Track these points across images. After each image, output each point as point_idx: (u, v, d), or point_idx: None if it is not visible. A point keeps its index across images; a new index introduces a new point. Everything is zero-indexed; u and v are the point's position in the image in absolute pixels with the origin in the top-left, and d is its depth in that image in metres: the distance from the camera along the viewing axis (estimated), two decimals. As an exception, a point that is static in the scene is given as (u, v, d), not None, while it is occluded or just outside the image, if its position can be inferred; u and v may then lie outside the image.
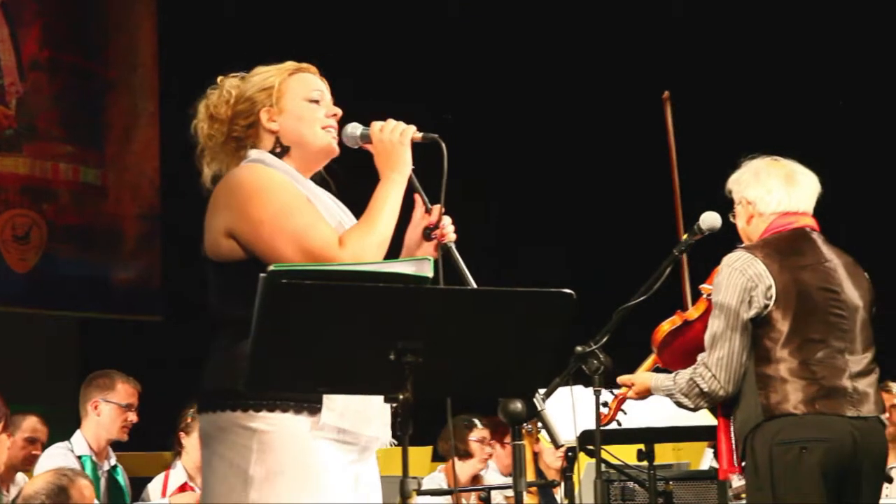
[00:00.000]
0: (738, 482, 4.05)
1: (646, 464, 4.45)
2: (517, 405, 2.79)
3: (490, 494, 5.76)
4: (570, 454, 4.42)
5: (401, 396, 2.48)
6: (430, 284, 2.56)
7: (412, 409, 2.49)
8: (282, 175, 2.94)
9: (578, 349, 3.98)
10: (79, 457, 5.52)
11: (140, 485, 5.85)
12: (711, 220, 4.08)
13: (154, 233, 8.98)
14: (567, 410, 4.01)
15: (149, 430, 5.92)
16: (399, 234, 3.02)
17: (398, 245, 3.05)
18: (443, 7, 9.08)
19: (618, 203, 8.76)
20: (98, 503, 5.23)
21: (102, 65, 8.93)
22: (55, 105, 8.58)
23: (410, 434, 2.51)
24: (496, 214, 8.99)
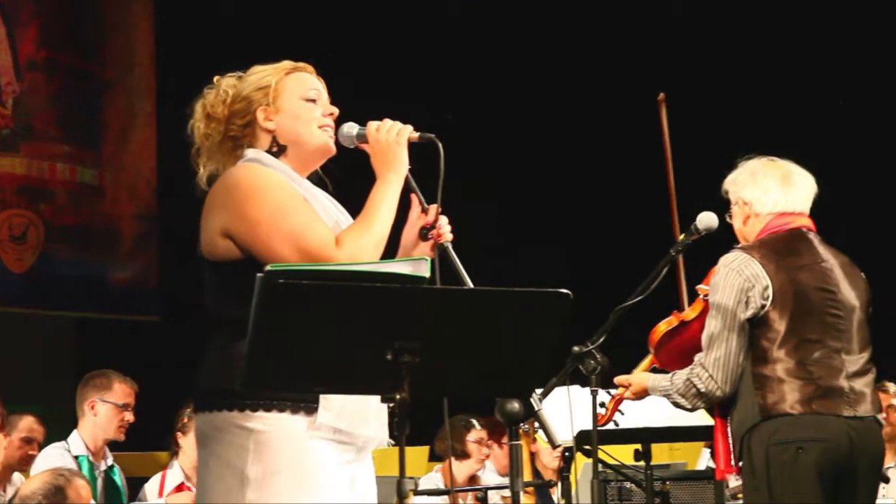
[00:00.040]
0: (735, 482, 4.05)
1: (643, 464, 4.45)
2: (514, 405, 2.79)
3: (487, 494, 5.76)
4: (567, 454, 4.43)
5: (398, 396, 2.47)
6: (427, 284, 2.56)
7: (409, 409, 2.49)
8: (278, 174, 2.94)
9: (575, 349, 3.98)
10: (75, 457, 5.52)
11: (137, 485, 5.84)
12: (708, 221, 4.09)
13: (151, 233, 8.97)
14: (564, 410, 4.01)
15: (146, 431, 5.91)
16: (395, 234, 3.02)
17: (395, 245, 3.05)
18: (443, 7, 9.08)
19: (615, 203, 8.76)
20: (95, 503, 5.22)
21: (99, 65, 8.92)
22: (52, 105, 8.57)
23: (407, 434, 2.51)
24: (494, 214, 8.98)
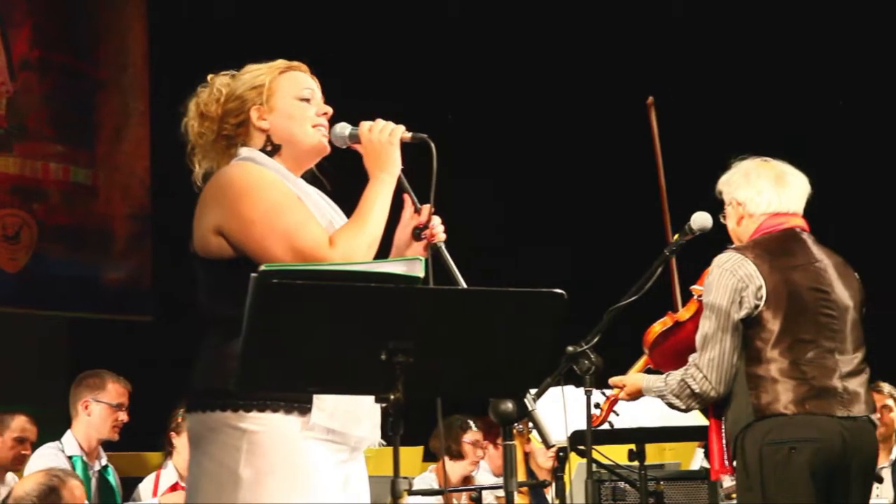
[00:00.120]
0: (730, 482, 4.05)
1: (637, 464, 4.45)
2: (508, 405, 2.78)
3: (481, 494, 5.75)
4: (561, 454, 4.42)
5: (392, 396, 2.47)
6: (421, 284, 2.56)
7: (403, 410, 2.48)
8: (272, 173, 2.93)
9: (569, 349, 3.98)
10: (69, 457, 5.51)
11: (131, 485, 5.84)
12: (702, 221, 4.09)
13: (144, 233, 8.95)
14: (558, 411, 4.02)
15: (140, 431, 5.91)
16: (388, 235, 3.01)
17: (388, 245, 3.04)
18: (443, 7, 9.07)
19: (608, 204, 8.76)
20: (89, 503, 5.21)
21: (93, 65, 8.89)
22: (45, 105, 8.55)
23: (401, 434, 2.51)
24: (490, 214, 8.98)
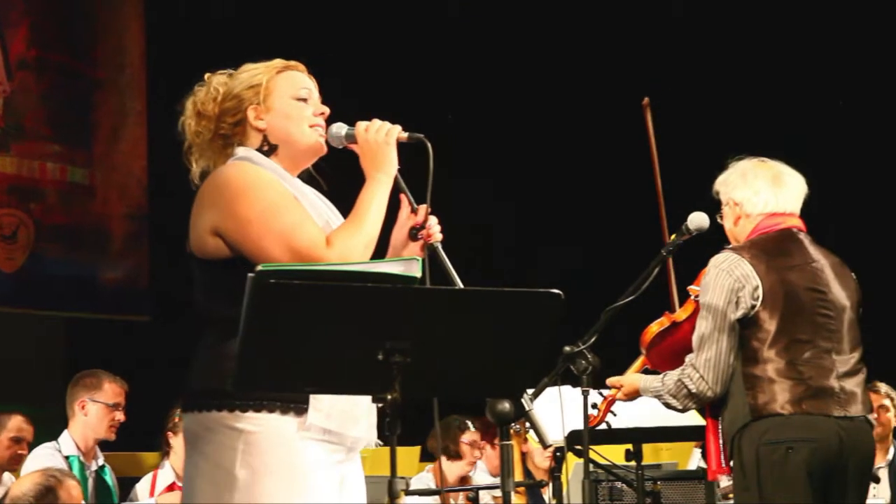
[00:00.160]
0: (727, 482, 4.05)
1: (634, 464, 4.45)
2: (505, 405, 2.78)
3: (478, 494, 5.76)
4: (558, 454, 4.42)
5: (389, 397, 2.47)
6: (417, 285, 2.56)
7: (400, 410, 2.49)
8: (269, 173, 2.93)
9: (567, 349, 3.98)
10: (66, 457, 5.51)
11: (128, 485, 5.84)
12: (699, 221, 4.09)
13: (142, 232, 8.94)
14: (555, 411, 4.02)
15: (137, 431, 5.90)
16: (385, 235, 3.01)
17: (384, 245, 3.04)
18: (443, 7, 9.07)
19: (605, 204, 8.76)
20: None
21: (90, 64, 8.89)
22: (43, 104, 8.55)
23: (398, 434, 2.51)
24: (489, 213, 8.97)
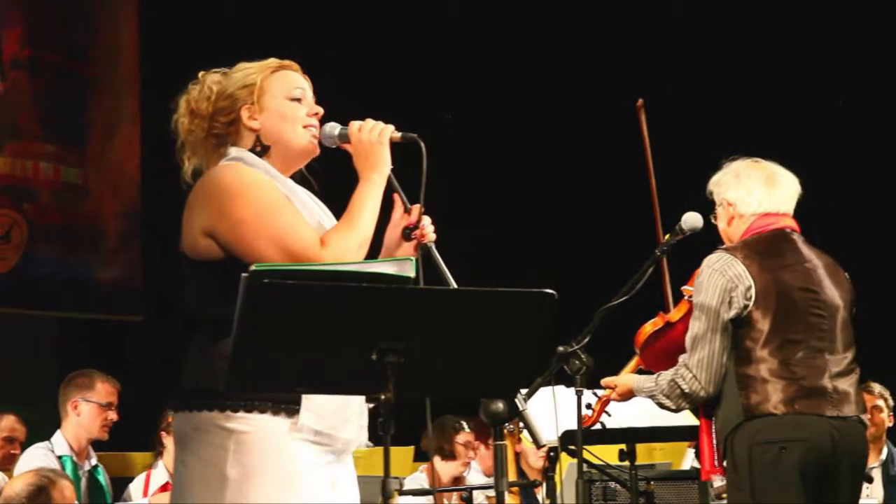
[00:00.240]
0: (720, 482, 4.06)
1: (627, 464, 4.45)
2: (499, 405, 2.78)
3: (472, 494, 5.75)
4: (552, 454, 4.43)
5: (382, 397, 2.47)
6: (411, 285, 2.56)
7: (394, 410, 2.49)
8: (262, 174, 2.92)
9: (560, 349, 3.99)
10: (59, 457, 5.50)
11: (121, 485, 5.83)
12: (693, 221, 4.10)
13: (135, 232, 8.93)
14: (549, 411, 4.02)
15: (131, 430, 5.90)
16: (378, 235, 3.01)
17: (378, 245, 3.04)
18: (443, 7, 9.06)
19: (599, 204, 8.76)
20: None
21: (84, 64, 8.87)
22: (36, 104, 8.52)
23: (392, 434, 2.51)
24: (484, 212, 8.97)
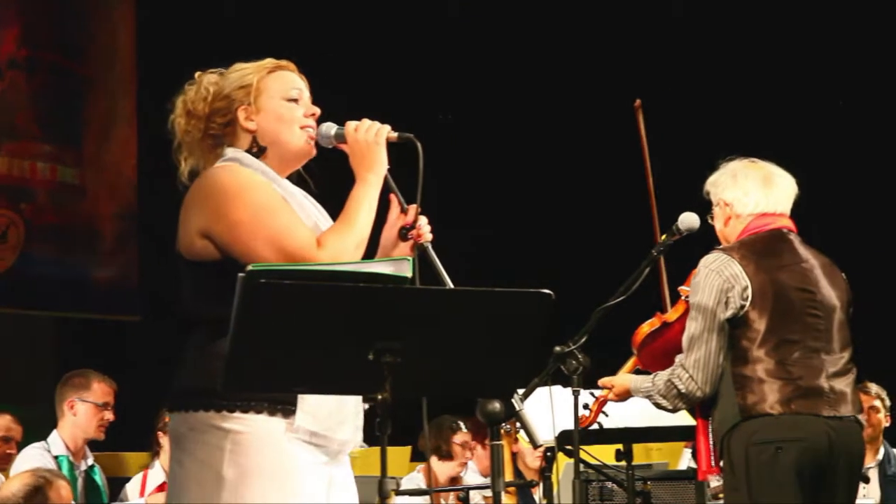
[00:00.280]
0: (717, 482, 4.06)
1: (624, 464, 4.46)
2: (495, 405, 2.78)
3: (469, 494, 5.75)
4: (549, 454, 4.43)
5: (379, 397, 2.47)
6: (408, 285, 2.56)
7: (390, 410, 2.49)
8: (259, 175, 2.91)
9: (557, 349, 3.99)
10: (56, 457, 5.50)
11: (118, 485, 5.83)
12: (690, 221, 4.10)
13: (132, 232, 8.93)
14: (546, 411, 4.02)
15: (127, 430, 5.90)
16: (375, 235, 3.01)
17: (374, 246, 3.04)
18: (443, 7, 9.06)
19: (596, 204, 8.76)
20: (75, 504, 5.21)
21: (81, 64, 8.87)
22: (33, 104, 8.52)
23: (389, 434, 2.51)
24: (481, 212, 8.98)
